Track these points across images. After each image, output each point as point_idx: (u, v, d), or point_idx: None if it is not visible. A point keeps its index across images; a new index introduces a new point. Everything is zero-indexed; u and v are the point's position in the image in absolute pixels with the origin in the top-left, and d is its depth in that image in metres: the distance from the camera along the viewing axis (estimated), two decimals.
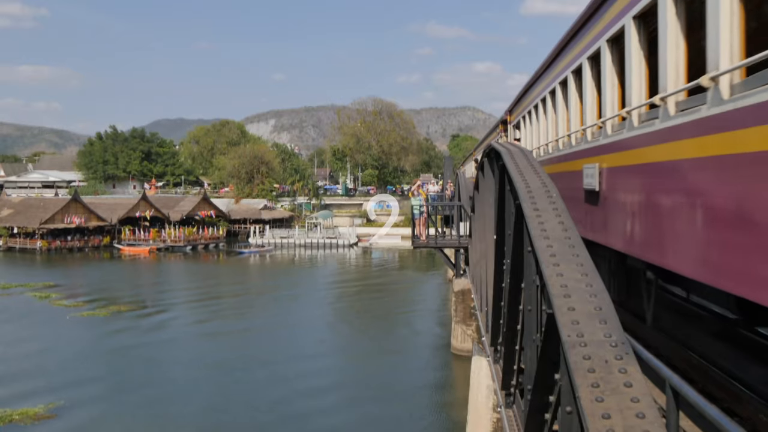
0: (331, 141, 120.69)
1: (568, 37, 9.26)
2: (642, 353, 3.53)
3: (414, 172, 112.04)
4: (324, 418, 20.23)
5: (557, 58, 10.31)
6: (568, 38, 9.24)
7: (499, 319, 7.63)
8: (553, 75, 10.78)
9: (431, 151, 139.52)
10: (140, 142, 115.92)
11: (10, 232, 73.63)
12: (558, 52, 10.11)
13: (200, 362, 26.42)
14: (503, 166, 6.57)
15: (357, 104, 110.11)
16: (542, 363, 3.94)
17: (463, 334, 24.31)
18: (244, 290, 47.23)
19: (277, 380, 23.94)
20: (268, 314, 37.36)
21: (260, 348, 29.04)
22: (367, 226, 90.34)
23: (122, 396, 22.01)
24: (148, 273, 57.40)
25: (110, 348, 28.52)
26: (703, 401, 2.97)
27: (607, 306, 3.31)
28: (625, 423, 2.61)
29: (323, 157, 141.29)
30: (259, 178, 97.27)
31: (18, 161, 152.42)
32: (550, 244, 3.98)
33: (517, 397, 6.18)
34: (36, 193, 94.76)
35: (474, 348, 16.28)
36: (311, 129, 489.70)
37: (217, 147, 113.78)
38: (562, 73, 9.91)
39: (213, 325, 34.03)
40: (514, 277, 5.79)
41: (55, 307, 37.38)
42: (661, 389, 3.95)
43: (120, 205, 78.41)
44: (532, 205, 4.63)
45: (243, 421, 19.73)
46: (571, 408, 3.24)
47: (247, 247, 73.25)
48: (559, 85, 10.13)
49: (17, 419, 19.33)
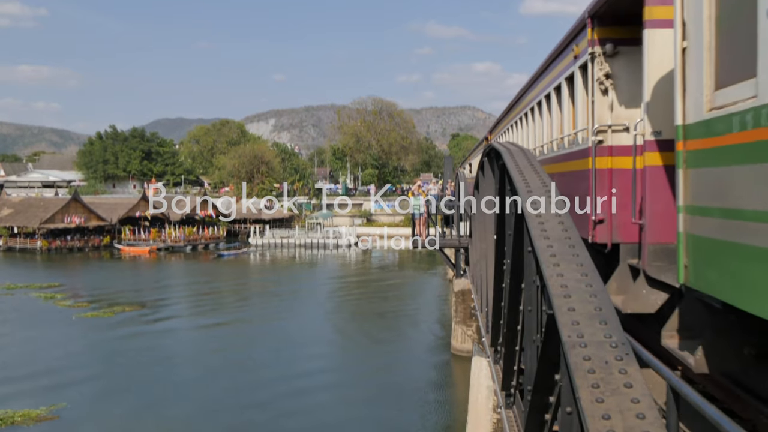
0: (331, 140, 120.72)
1: (528, 84, 13.24)
2: (642, 354, 3.52)
3: (414, 172, 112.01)
4: (324, 417, 20.22)
5: (522, 96, 14.24)
6: (528, 84, 13.20)
7: (499, 320, 7.63)
8: (519, 108, 14.87)
9: (431, 151, 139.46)
10: (140, 142, 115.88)
11: (10, 232, 73.62)
12: (522, 92, 14.11)
13: (203, 363, 26.42)
14: (503, 166, 6.56)
15: (357, 104, 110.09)
16: (542, 363, 3.94)
17: (463, 335, 24.30)
18: (245, 290, 47.24)
19: (278, 380, 23.92)
20: (268, 313, 37.33)
21: (260, 347, 29.04)
22: (367, 226, 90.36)
23: (125, 397, 21.98)
24: (149, 273, 57.37)
25: (114, 349, 28.50)
26: (703, 401, 2.97)
27: (608, 306, 3.31)
28: (625, 424, 2.61)
29: (323, 156, 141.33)
30: (259, 177, 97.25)
31: (18, 161, 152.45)
32: (550, 244, 3.97)
33: (517, 397, 6.18)
34: (36, 193, 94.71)
35: (474, 348, 16.28)
36: (311, 129, 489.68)
37: (217, 147, 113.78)
38: (525, 107, 13.77)
39: (215, 325, 34.01)
40: (514, 277, 5.78)
41: (60, 308, 37.41)
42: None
43: (120, 205, 78.39)
44: (533, 204, 4.62)
45: (243, 421, 19.73)
46: (571, 408, 3.24)
47: (228, 250, 70.77)
48: (523, 115, 14.02)
49: (19, 421, 19.23)
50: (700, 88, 4.63)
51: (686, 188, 4.81)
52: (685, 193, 4.81)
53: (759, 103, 3.72)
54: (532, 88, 12.72)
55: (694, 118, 4.72)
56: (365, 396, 22.51)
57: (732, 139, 4.14)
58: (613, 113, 7.70)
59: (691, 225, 4.73)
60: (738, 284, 4.01)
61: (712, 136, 4.45)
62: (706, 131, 4.53)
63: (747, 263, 3.86)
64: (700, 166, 4.67)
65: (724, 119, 4.27)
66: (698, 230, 4.61)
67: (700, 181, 4.64)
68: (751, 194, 3.85)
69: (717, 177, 4.39)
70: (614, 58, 7.63)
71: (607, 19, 7.62)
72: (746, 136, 3.91)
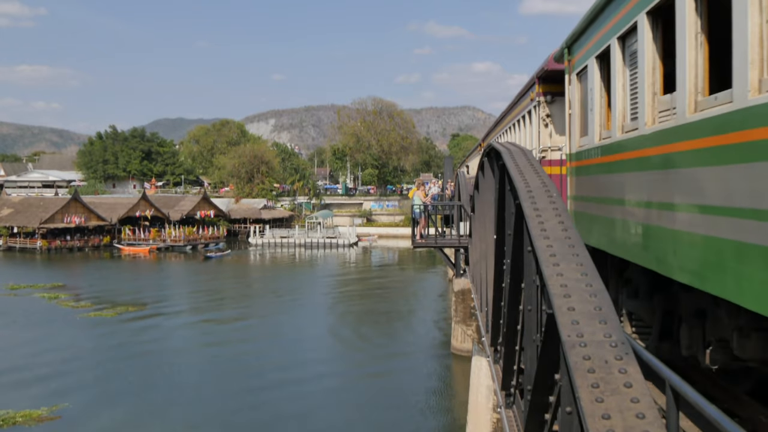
0: (331, 141, 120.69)
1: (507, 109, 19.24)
2: (642, 353, 3.52)
3: (414, 172, 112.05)
4: (323, 417, 20.24)
5: (504, 116, 20.13)
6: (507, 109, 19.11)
7: (499, 319, 7.62)
8: (502, 125, 20.79)
9: (431, 151, 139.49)
10: (140, 142, 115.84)
11: (10, 232, 73.62)
12: (504, 114, 20.42)
13: (206, 364, 26.46)
14: (503, 166, 6.56)
15: (357, 104, 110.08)
16: (542, 363, 3.94)
17: (463, 334, 24.29)
18: (246, 289, 47.28)
19: (278, 380, 23.96)
20: (269, 312, 37.39)
21: (261, 346, 29.10)
22: (368, 225, 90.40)
23: (127, 397, 22.01)
24: (149, 273, 57.41)
25: (117, 349, 28.53)
26: (704, 401, 2.97)
27: (607, 306, 3.31)
28: (625, 423, 2.60)
29: (323, 156, 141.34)
30: (259, 177, 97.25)
31: (18, 161, 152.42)
32: (549, 244, 3.97)
33: (517, 397, 6.17)
34: (36, 193, 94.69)
35: (474, 348, 16.30)
36: (311, 129, 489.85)
37: (217, 147, 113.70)
38: (506, 125, 19.39)
39: (216, 325, 34.05)
40: (514, 277, 5.78)
41: (64, 308, 37.49)
42: (661, 389, 3.95)
43: (120, 205, 78.38)
44: (532, 204, 4.62)
45: (243, 421, 19.75)
46: (571, 408, 3.24)
47: (213, 252, 69.37)
48: (506, 130, 19.60)
49: (20, 421, 19.20)
50: (574, 135, 9.38)
51: (571, 186, 9.52)
52: (570, 189, 9.53)
53: (589, 147, 8.35)
54: (510, 112, 18.61)
55: (573, 150, 9.41)
56: (365, 395, 22.52)
57: (585, 162, 8.69)
58: (551, 139, 12.74)
59: (573, 205, 9.32)
60: (587, 234, 8.22)
61: (578, 160, 9.14)
62: (576, 157, 9.21)
63: (591, 223, 8.26)
64: (575, 175, 9.32)
65: (582, 152, 8.80)
66: (575, 208, 9.24)
67: (575, 183, 9.28)
68: (591, 189, 8.41)
69: (581, 181, 8.97)
70: (551, 104, 12.73)
71: (548, 80, 12.58)
72: (589, 162, 8.47)
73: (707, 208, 4.77)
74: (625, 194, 6.77)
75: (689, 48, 5.06)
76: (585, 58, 8.45)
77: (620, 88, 6.92)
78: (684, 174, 5.20)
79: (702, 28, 4.99)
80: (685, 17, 5.06)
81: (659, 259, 5.77)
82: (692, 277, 5.07)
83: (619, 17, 6.74)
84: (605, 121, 7.70)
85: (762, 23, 4.05)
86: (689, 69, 5.08)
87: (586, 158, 8.43)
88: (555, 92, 12.24)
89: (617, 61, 6.96)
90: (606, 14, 7.27)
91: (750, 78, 4.12)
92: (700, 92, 5.01)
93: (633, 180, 6.53)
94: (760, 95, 4.03)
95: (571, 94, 9.36)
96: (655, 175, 5.85)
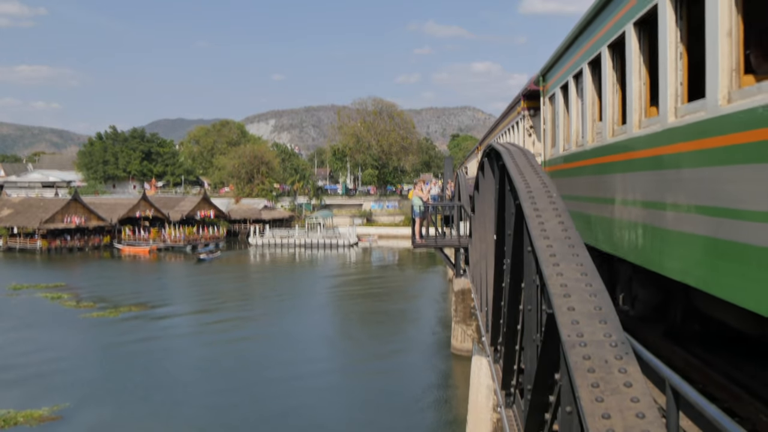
0: (331, 141, 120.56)
1: (500, 118, 22.96)
2: (642, 353, 3.52)
3: (414, 172, 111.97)
4: (323, 417, 20.24)
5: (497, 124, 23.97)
6: (500, 118, 22.81)
7: (499, 319, 7.63)
8: (496, 131, 24.06)
9: (431, 151, 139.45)
10: (140, 142, 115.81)
11: (10, 232, 73.64)
12: (497, 122, 24.10)
13: (206, 364, 26.45)
14: (503, 166, 6.56)
15: (357, 104, 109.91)
16: (542, 363, 3.94)
17: (463, 334, 24.29)
18: (246, 289, 47.28)
19: (279, 380, 23.96)
20: (269, 311, 37.37)
21: (262, 345, 29.07)
22: (367, 226, 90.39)
23: (128, 397, 22.00)
24: (150, 273, 57.41)
25: (119, 348, 28.56)
26: (704, 401, 2.97)
27: (607, 306, 3.31)
28: (625, 423, 2.61)
29: (323, 157, 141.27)
30: (259, 177, 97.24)
31: (18, 161, 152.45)
32: (549, 244, 3.97)
33: (517, 396, 6.18)
34: (36, 193, 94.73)
35: (474, 348, 16.32)
36: (311, 129, 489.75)
37: (217, 147, 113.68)
38: (500, 132, 22.57)
39: (218, 325, 34.05)
40: (514, 276, 5.78)
41: (66, 308, 37.53)
42: (661, 389, 3.95)
43: (120, 205, 78.39)
44: (532, 204, 4.62)
45: (244, 421, 19.74)
46: (571, 408, 3.24)
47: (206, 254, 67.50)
48: (499, 135, 22.25)
49: (21, 421, 19.21)
50: (547, 146, 11.73)
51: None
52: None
53: (557, 156, 10.69)
54: (502, 121, 21.98)
55: (546, 158, 11.67)
56: (365, 394, 22.52)
57: (554, 168, 10.74)
58: (534, 147, 15.15)
59: None
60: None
61: (549, 166, 11.18)
62: (549, 164, 11.28)
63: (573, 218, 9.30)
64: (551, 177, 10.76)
65: (554, 160, 10.88)
66: None
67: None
68: (564, 189, 9.52)
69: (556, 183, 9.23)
70: (534, 117, 15.62)
71: (530, 98, 15.65)
72: (560, 167, 10.35)
73: (623, 201, 6.76)
74: (578, 192, 9.09)
75: (614, 93, 7.24)
76: (553, 86, 10.88)
77: (575, 114, 9.26)
78: (607, 177, 7.50)
79: (645, 62, 6.34)
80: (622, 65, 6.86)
81: (599, 240, 7.92)
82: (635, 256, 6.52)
83: (572, 63, 9.30)
84: (567, 137, 10.05)
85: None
86: (627, 104, 6.68)
87: (554, 165, 10.91)
88: (536, 107, 14.77)
89: (572, 93, 9.32)
90: (564, 58, 9.89)
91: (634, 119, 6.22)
92: (616, 123, 7.17)
93: (582, 182, 8.91)
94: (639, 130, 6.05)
95: (545, 113, 11.92)
96: (593, 179, 8.21)
